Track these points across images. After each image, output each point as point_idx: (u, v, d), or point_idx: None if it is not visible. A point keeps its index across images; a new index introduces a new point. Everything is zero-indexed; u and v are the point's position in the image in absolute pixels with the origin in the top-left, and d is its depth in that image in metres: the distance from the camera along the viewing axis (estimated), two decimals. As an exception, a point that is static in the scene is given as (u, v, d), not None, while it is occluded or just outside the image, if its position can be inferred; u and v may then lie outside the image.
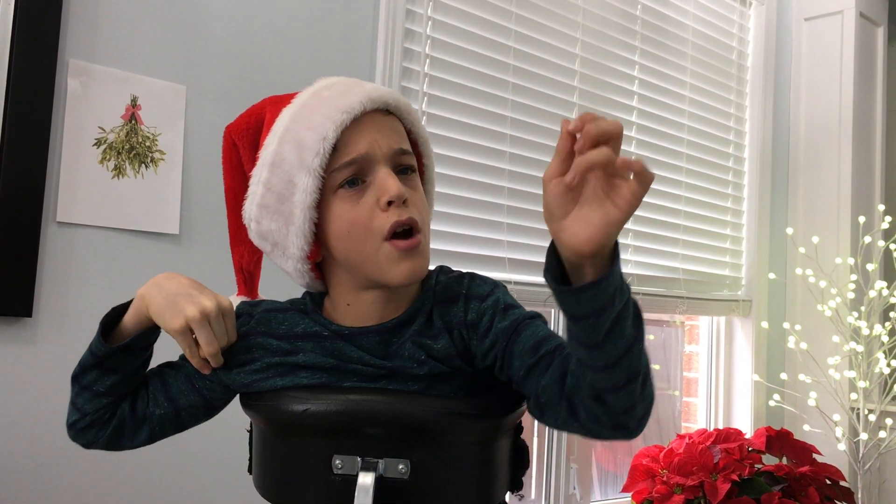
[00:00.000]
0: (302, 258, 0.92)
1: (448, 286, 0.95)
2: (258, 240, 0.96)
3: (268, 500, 0.95)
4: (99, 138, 1.50)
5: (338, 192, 0.91)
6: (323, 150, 0.89)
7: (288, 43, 1.75)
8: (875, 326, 2.54)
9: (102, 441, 1.01)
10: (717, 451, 2.19)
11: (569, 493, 2.30)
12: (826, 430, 2.60)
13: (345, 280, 0.95)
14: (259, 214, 0.94)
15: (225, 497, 1.61)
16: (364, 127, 0.91)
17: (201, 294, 0.93)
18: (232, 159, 1.02)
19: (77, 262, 1.47)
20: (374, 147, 0.91)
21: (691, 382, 2.82)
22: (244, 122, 1.00)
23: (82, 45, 1.48)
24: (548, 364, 0.84)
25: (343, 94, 0.93)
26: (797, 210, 2.92)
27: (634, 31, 2.48)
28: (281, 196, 0.91)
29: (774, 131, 2.91)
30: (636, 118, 2.46)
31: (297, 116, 0.93)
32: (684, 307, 2.55)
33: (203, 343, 0.92)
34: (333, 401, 0.88)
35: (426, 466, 0.87)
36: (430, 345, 0.90)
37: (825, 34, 2.90)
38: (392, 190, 0.89)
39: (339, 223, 0.91)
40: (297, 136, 0.91)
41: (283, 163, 0.91)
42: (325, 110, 0.91)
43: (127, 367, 0.97)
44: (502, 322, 0.89)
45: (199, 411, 1.02)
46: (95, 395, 0.98)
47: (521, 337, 0.87)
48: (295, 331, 0.95)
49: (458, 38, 2.03)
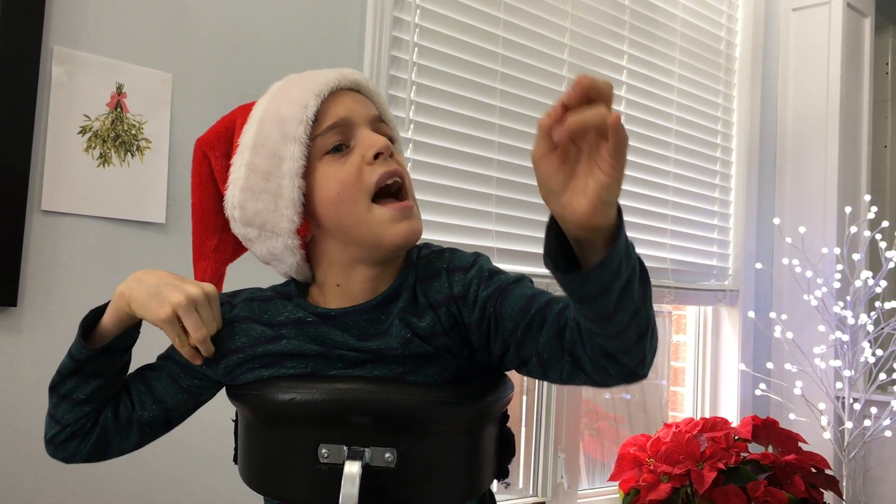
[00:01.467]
0: (292, 232, 0.92)
1: (429, 262, 0.95)
2: (242, 228, 0.95)
3: (253, 490, 0.95)
4: (84, 126, 1.48)
5: (324, 159, 0.91)
6: (306, 118, 0.90)
7: (275, 31, 1.74)
8: (860, 316, 2.56)
9: (84, 453, 0.98)
10: (704, 440, 2.20)
11: (556, 481, 2.31)
12: (811, 418, 2.62)
13: (336, 258, 0.94)
14: (243, 198, 0.93)
15: (211, 487, 1.60)
16: (341, 98, 0.94)
17: (184, 282, 0.92)
18: (201, 173, 1.01)
19: (62, 250, 1.46)
20: (353, 113, 0.93)
21: (678, 372, 2.83)
22: (215, 133, 1.00)
23: (67, 32, 1.47)
24: (541, 321, 0.83)
25: (317, 74, 0.95)
26: (784, 200, 2.93)
27: (623, 21, 2.48)
28: (266, 173, 0.91)
29: (762, 122, 2.92)
30: (625, 108, 2.47)
31: (274, 99, 0.94)
32: (672, 297, 2.56)
33: (192, 329, 0.90)
34: (319, 390, 0.87)
35: (413, 455, 0.87)
36: (415, 323, 0.90)
37: (813, 24, 2.91)
38: (378, 142, 0.91)
39: (328, 186, 0.91)
40: (278, 112, 0.92)
41: (266, 140, 0.92)
42: (302, 86, 0.93)
43: (108, 370, 0.96)
44: (487, 289, 0.89)
45: (188, 408, 1.01)
46: (76, 403, 0.96)
47: (507, 300, 0.87)
48: (278, 318, 0.95)
49: (446, 27, 2.02)
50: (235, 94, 1.67)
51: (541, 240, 0.76)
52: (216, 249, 1.01)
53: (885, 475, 2.68)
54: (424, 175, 1.96)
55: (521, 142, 2.17)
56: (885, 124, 3.31)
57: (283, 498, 0.91)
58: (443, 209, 1.99)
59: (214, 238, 1.01)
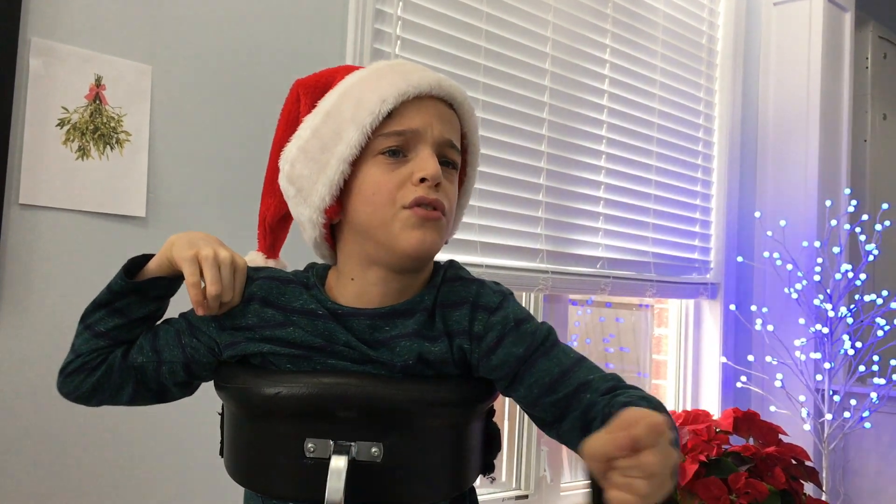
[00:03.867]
0: (320, 209, 0.92)
1: (454, 289, 0.94)
2: (285, 182, 0.96)
3: (239, 484, 0.94)
4: (62, 119, 1.46)
5: (377, 158, 0.91)
6: (379, 112, 0.89)
7: (256, 22, 1.72)
8: (840, 308, 2.58)
9: (85, 389, 0.98)
10: (686, 433, 2.22)
11: (539, 475, 2.31)
12: (792, 410, 2.64)
13: (355, 252, 0.94)
14: (297, 157, 0.94)
15: (196, 480, 1.59)
16: (424, 107, 0.92)
17: (221, 245, 0.95)
18: (290, 112, 1.01)
19: (40, 244, 1.44)
20: (426, 127, 0.91)
21: (660, 365, 2.85)
22: (314, 79, 0.99)
23: (45, 24, 1.45)
24: (564, 409, 0.86)
25: (415, 71, 0.94)
26: (765, 194, 2.95)
27: (606, 14, 2.48)
28: (324, 145, 0.92)
29: (743, 116, 2.94)
30: (607, 102, 2.47)
31: (366, 78, 0.94)
32: (654, 290, 2.56)
33: (208, 280, 0.91)
34: (306, 384, 0.87)
35: (399, 450, 0.86)
36: (427, 347, 0.90)
37: (794, 19, 2.92)
38: (430, 168, 0.89)
39: (368, 185, 0.90)
40: (360, 94, 0.92)
41: (338, 114, 0.92)
42: (392, 79, 0.92)
43: (134, 312, 0.97)
44: (518, 347, 0.89)
45: (179, 372, 0.98)
46: (95, 335, 0.98)
47: (535, 368, 0.89)
48: (293, 305, 0.94)
49: (429, 20, 2.01)
50: (216, 86, 1.65)
51: (525, 233, 0.77)
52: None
53: (864, 466, 2.71)
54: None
55: (504, 135, 2.16)
56: (864, 118, 3.34)
57: (268, 492, 0.91)
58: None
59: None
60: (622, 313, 2.74)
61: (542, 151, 2.26)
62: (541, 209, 2.24)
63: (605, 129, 2.46)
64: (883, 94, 3.43)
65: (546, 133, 2.27)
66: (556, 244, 2.29)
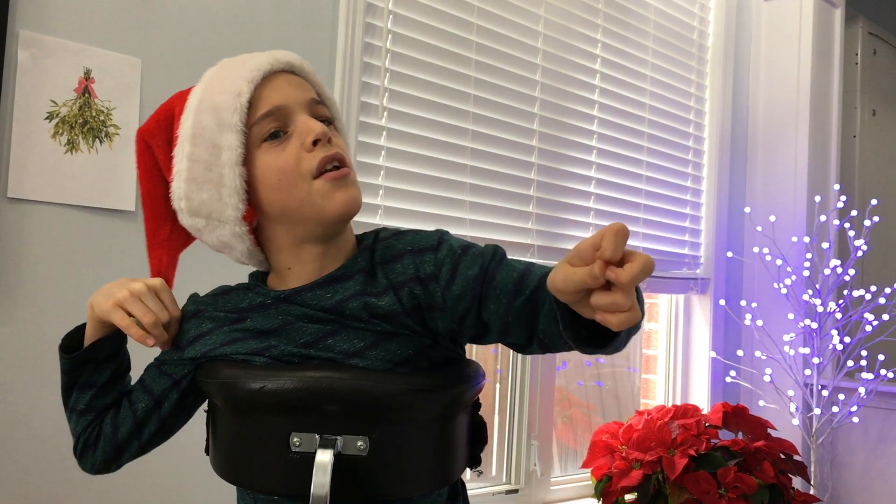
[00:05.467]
0: (238, 219, 0.93)
1: (390, 244, 0.96)
2: (190, 218, 0.96)
3: (225, 480, 0.94)
4: (51, 112, 1.46)
5: (262, 146, 0.92)
6: (240, 106, 0.91)
7: (246, 15, 1.72)
8: (829, 304, 2.59)
9: (99, 461, 1.04)
10: (675, 427, 2.22)
11: (529, 469, 2.32)
12: (781, 405, 2.66)
13: (284, 241, 0.95)
14: (188, 189, 0.94)
15: (182, 478, 1.59)
16: (276, 83, 0.94)
17: (131, 281, 0.97)
18: (146, 162, 1.01)
19: (29, 238, 1.43)
20: (288, 98, 0.93)
21: (650, 360, 2.86)
22: (154, 123, 1.00)
23: (33, 16, 1.44)
24: (535, 305, 0.85)
25: (250, 59, 0.95)
26: (755, 189, 2.96)
27: (597, 10, 2.48)
28: (207, 164, 0.92)
29: (734, 111, 2.94)
30: (598, 97, 2.47)
31: (208, 87, 0.94)
32: (644, 285, 2.57)
33: (139, 315, 0.94)
34: (291, 378, 0.87)
35: (385, 443, 0.87)
36: (374, 303, 0.91)
37: (784, 15, 2.93)
38: (315, 128, 0.91)
39: (269, 174, 0.92)
40: (212, 102, 0.92)
41: (204, 131, 0.92)
42: (234, 73, 0.93)
43: (98, 379, 1.02)
44: (471, 269, 0.90)
45: (173, 399, 1.02)
46: (80, 414, 1.03)
47: (495, 280, 0.89)
48: (241, 305, 0.97)
49: (421, 14, 2.01)
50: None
51: (516, 228, 0.79)
52: (169, 238, 1.02)
53: (852, 460, 2.73)
54: (398, 163, 1.95)
55: (495, 130, 2.16)
56: (854, 114, 3.34)
57: (254, 487, 0.91)
58: (416, 197, 1.99)
59: (166, 227, 1.02)
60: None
61: (534, 146, 2.26)
62: (531, 204, 2.25)
63: (596, 125, 2.46)
64: (872, 90, 3.44)
65: (537, 128, 2.27)
66: (546, 239, 2.29)
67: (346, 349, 0.90)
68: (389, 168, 1.93)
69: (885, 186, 3.48)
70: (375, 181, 1.91)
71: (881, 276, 3.19)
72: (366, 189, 1.88)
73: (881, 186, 3.44)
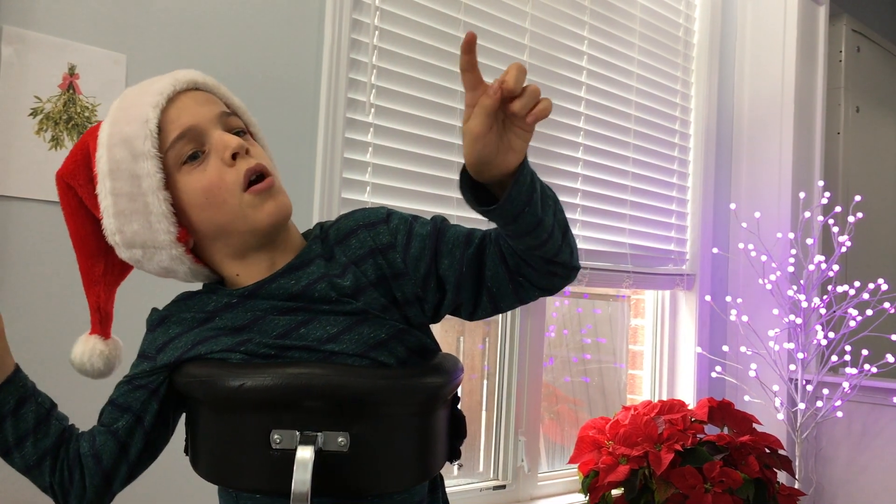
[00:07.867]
0: (173, 242, 0.93)
1: (341, 226, 0.98)
2: (127, 251, 0.96)
3: (206, 479, 0.94)
4: (35, 108, 1.45)
5: (182, 169, 0.93)
6: (149, 132, 0.91)
7: (232, 10, 1.71)
8: (813, 299, 2.61)
9: (90, 496, 0.98)
10: (662, 422, 2.24)
11: (517, 465, 2.33)
12: (766, 400, 2.68)
13: (225, 254, 0.96)
14: (119, 223, 0.94)
15: (161, 479, 1.59)
16: (182, 103, 0.95)
17: None
18: (70, 203, 1.01)
19: (13, 236, 1.43)
20: (198, 117, 0.94)
21: (636, 355, 2.87)
22: (72, 163, 0.99)
23: (17, 11, 1.44)
24: (480, 252, 0.91)
25: (151, 84, 0.96)
26: (740, 186, 2.97)
27: (584, 6, 2.48)
28: (130, 195, 0.92)
29: (719, 108, 2.96)
30: (585, 94, 2.48)
31: (115, 120, 0.95)
32: (630, 281, 2.58)
33: None
34: (270, 375, 0.87)
35: (366, 439, 0.87)
36: (339, 283, 0.93)
37: (769, 13, 2.94)
38: (230, 142, 0.92)
39: (195, 195, 0.92)
40: (122, 133, 0.93)
41: (120, 163, 0.92)
42: (138, 101, 0.94)
43: (25, 427, 0.96)
44: (424, 228, 0.95)
45: (153, 408, 0.97)
46: (37, 465, 0.96)
47: (446, 236, 0.94)
48: (207, 308, 0.97)
49: (407, 10, 2.01)
50: (191, 76, 1.64)
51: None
52: (104, 273, 1.02)
53: (836, 455, 2.75)
54: (385, 160, 1.95)
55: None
56: (838, 111, 3.36)
57: (236, 485, 0.91)
58: (404, 193, 1.99)
59: (100, 264, 1.02)
60: (599, 304, 2.75)
61: (519, 143, 2.26)
62: (517, 200, 2.25)
63: (583, 121, 2.47)
64: (856, 87, 3.46)
65: (523, 125, 2.27)
66: (532, 235, 2.29)
67: (319, 336, 0.90)
68: (377, 165, 1.94)
69: (869, 183, 3.51)
70: (363, 178, 1.91)
71: (865, 271, 3.21)
72: (353, 186, 1.88)
73: (865, 183, 3.46)
